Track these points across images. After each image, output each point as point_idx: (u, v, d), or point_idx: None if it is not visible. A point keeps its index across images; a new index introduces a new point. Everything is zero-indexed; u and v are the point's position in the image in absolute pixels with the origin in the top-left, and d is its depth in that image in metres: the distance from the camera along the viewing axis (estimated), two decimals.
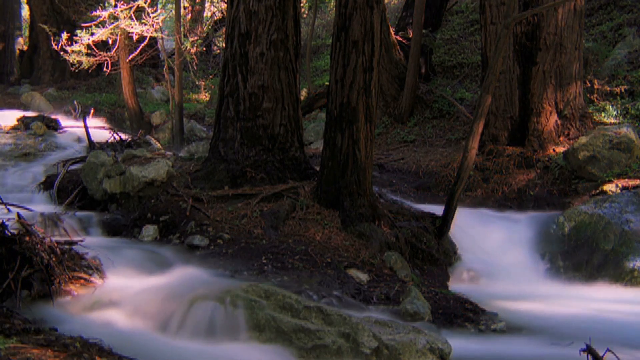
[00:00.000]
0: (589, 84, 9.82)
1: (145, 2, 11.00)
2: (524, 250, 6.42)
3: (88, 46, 11.14)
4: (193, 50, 12.62)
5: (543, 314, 5.05)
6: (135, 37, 11.51)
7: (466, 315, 4.87)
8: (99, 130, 10.68)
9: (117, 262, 4.91)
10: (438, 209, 6.56)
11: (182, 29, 11.37)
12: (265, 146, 6.70)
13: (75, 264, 4.54)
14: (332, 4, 18.33)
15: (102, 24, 11.22)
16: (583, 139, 7.52)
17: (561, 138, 8.28)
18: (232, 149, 6.70)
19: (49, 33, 15.36)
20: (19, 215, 4.98)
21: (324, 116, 8.26)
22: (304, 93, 12.57)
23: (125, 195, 6.50)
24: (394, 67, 11.36)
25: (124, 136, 9.86)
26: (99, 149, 8.29)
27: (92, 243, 5.06)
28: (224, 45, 7.31)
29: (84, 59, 11.50)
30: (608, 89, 9.87)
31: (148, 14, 10.99)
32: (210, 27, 13.25)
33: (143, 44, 11.74)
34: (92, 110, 13.09)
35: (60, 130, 10.56)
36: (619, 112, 9.24)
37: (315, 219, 5.98)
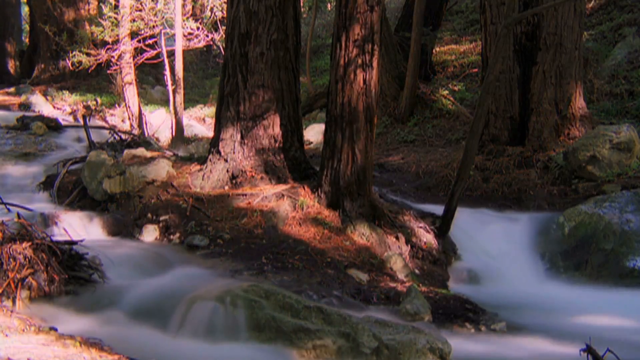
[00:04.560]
0: (589, 84, 9.82)
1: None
2: (524, 250, 6.41)
3: (88, 46, 11.14)
4: (201, 45, 12.58)
5: (543, 314, 5.05)
6: (136, 38, 11.52)
7: (466, 315, 4.87)
8: (99, 130, 10.68)
9: (117, 262, 4.90)
10: (438, 209, 6.56)
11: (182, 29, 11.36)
12: (265, 146, 6.69)
13: (75, 264, 4.54)
14: (332, 3, 18.33)
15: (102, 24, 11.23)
16: (583, 139, 7.51)
17: (561, 138, 8.28)
18: (232, 149, 6.70)
19: (49, 33, 15.35)
20: (19, 215, 4.99)
21: (324, 116, 8.26)
22: (303, 93, 12.55)
23: (125, 195, 6.50)
24: (394, 67, 11.35)
25: (124, 136, 9.86)
26: (99, 149, 8.29)
27: (92, 243, 5.06)
28: (224, 45, 7.31)
29: (84, 58, 11.49)
30: (608, 89, 9.88)
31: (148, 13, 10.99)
32: (210, 26, 13.27)
33: (142, 44, 11.74)
34: (93, 109, 13.09)
35: (60, 130, 10.55)
36: (618, 112, 9.24)
37: (315, 219, 5.98)
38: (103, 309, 4.14)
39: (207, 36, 12.34)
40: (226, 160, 6.70)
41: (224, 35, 7.56)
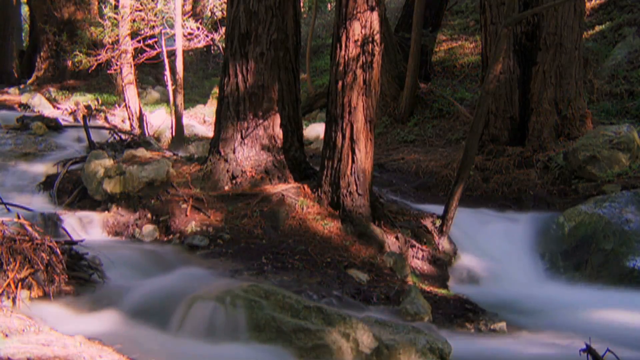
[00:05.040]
0: (589, 84, 9.82)
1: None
2: (524, 250, 6.42)
3: (88, 46, 11.14)
4: (201, 45, 12.58)
5: (543, 314, 5.05)
6: (136, 38, 11.52)
7: (466, 315, 4.87)
8: (99, 130, 10.68)
9: (117, 262, 4.90)
10: (438, 209, 6.56)
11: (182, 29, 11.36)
12: (265, 146, 6.69)
13: (75, 264, 4.55)
14: (332, 3, 18.33)
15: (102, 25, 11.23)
16: (583, 139, 7.51)
17: (561, 138, 8.28)
18: (232, 149, 6.70)
19: (49, 33, 15.36)
20: (18, 215, 4.99)
21: (324, 116, 8.25)
22: (303, 93, 12.55)
23: (125, 195, 6.50)
24: (394, 67, 11.35)
25: (124, 136, 9.86)
26: (99, 149, 8.29)
27: (92, 243, 5.06)
28: (223, 45, 7.31)
29: (84, 59, 11.49)
30: (608, 89, 9.88)
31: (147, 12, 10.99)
32: (210, 26, 13.29)
33: (142, 44, 11.75)
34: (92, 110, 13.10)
35: (61, 130, 10.54)
36: (618, 112, 9.24)
37: (315, 219, 5.98)
38: (103, 309, 4.14)
39: (207, 36, 12.34)
40: (226, 160, 6.70)
41: (224, 35, 7.54)
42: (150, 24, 11.52)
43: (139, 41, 11.80)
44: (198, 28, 12.12)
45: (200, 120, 13.94)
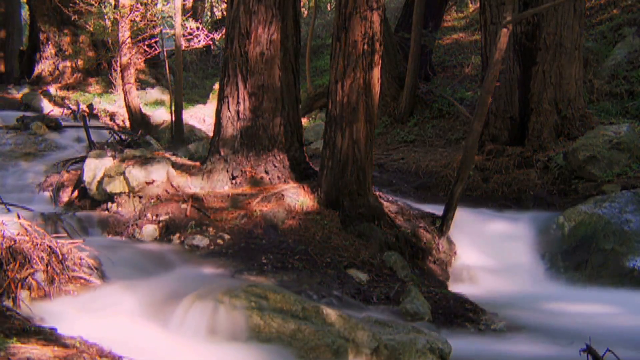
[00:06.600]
0: (589, 84, 9.82)
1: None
2: (524, 250, 6.42)
3: (88, 45, 11.13)
4: (201, 45, 12.58)
5: (543, 314, 5.06)
6: (136, 38, 11.52)
7: (466, 315, 4.87)
8: (99, 130, 10.68)
9: (117, 262, 4.90)
10: (438, 209, 6.56)
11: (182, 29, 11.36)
12: (265, 146, 6.69)
13: (75, 264, 4.54)
14: (332, 3, 18.33)
15: (102, 24, 11.23)
16: (583, 139, 7.51)
17: (561, 138, 8.28)
18: (232, 149, 6.70)
19: (49, 33, 15.36)
20: (18, 215, 4.99)
21: (324, 116, 8.26)
22: (303, 93, 12.55)
23: (126, 195, 6.50)
24: (394, 67, 11.36)
25: (124, 136, 9.86)
26: (99, 149, 8.29)
27: (92, 243, 5.06)
28: (223, 45, 7.31)
29: (84, 58, 11.47)
30: (608, 89, 9.88)
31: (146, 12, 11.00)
32: (210, 26, 13.32)
33: (142, 44, 11.75)
34: (94, 109, 13.10)
35: (61, 130, 10.54)
36: (618, 112, 9.24)
37: (315, 219, 5.98)
38: (103, 309, 4.14)
39: (207, 36, 12.34)
40: (226, 160, 6.70)
41: (224, 35, 7.55)
42: (150, 24, 11.52)
43: (139, 41, 11.80)
44: (198, 28, 12.12)
45: (200, 120, 13.94)
